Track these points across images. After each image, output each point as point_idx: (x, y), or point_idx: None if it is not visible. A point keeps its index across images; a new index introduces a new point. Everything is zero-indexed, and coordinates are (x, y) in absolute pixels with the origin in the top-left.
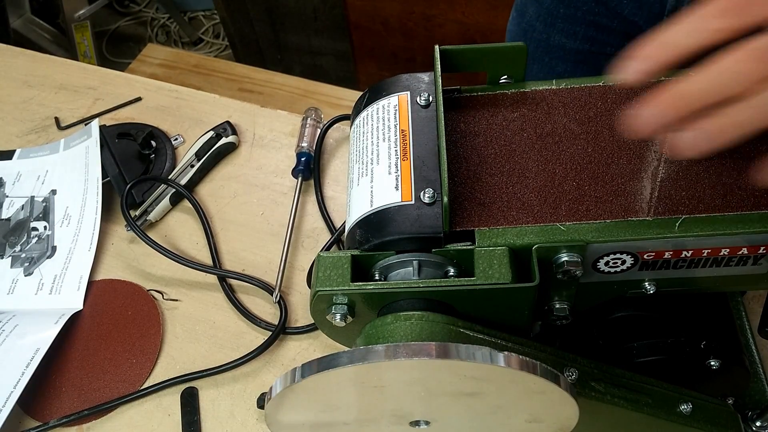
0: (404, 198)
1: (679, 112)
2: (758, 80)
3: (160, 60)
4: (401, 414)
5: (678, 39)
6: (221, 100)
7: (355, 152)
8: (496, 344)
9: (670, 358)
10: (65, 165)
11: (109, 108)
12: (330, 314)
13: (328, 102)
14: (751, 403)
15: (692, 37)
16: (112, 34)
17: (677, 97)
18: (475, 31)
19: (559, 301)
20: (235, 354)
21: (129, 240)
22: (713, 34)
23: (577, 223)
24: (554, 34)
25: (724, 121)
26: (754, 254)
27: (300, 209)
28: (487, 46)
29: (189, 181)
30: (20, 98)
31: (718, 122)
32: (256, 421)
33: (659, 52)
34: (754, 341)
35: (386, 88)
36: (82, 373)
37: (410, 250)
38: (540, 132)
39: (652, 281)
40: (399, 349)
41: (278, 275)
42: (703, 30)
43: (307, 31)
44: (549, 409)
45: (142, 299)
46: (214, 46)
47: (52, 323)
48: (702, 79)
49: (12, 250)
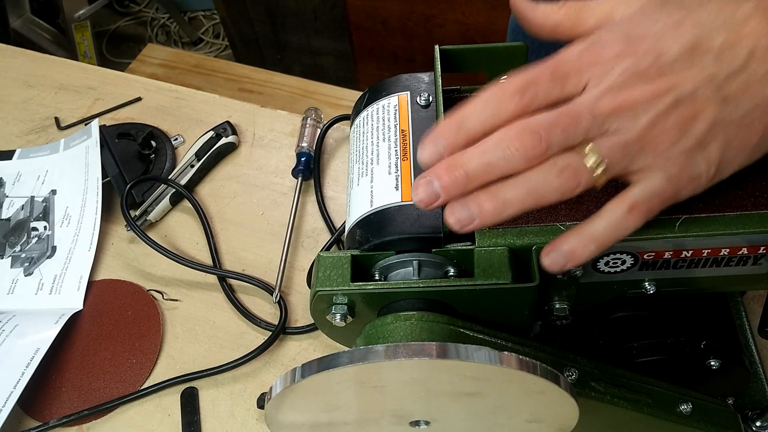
0: (404, 198)
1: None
2: (531, 157)
3: (160, 60)
4: (401, 414)
5: (468, 120)
6: (221, 100)
7: (355, 152)
8: (496, 344)
9: (670, 358)
10: (65, 165)
11: (109, 108)
12: (330, 314)
13: (328, 102)
14: (751, 403)
15: (483, 118)
16: (112, 34)
17: (451, 169)
18: (475, 31)
19: (559, 301)
20: (235, 354)
21: (129, 240)
22: (505, 115)
23: (576, 223)
24: None
25: (491, 199)
26: (754, 254)
27: (300, 209)
28: (487, 46)
29: (189, 181)
30: (20, 98)
31: (484, 200)
32: (256, 421)
33: (450, 134)
34: (754, 341)
35: (386, 88)
36: (82, 373)
37: (410, 250)
38: None
39: (652, 281)
40: (399, 349)
41: (278, 275)
42: (495, 112)
43: (307, 31)
44: (549, 409)
45: (142, 299)
46: (214, 46)
47: (52, 323)
48: (474, 152)
49: (12, 250)
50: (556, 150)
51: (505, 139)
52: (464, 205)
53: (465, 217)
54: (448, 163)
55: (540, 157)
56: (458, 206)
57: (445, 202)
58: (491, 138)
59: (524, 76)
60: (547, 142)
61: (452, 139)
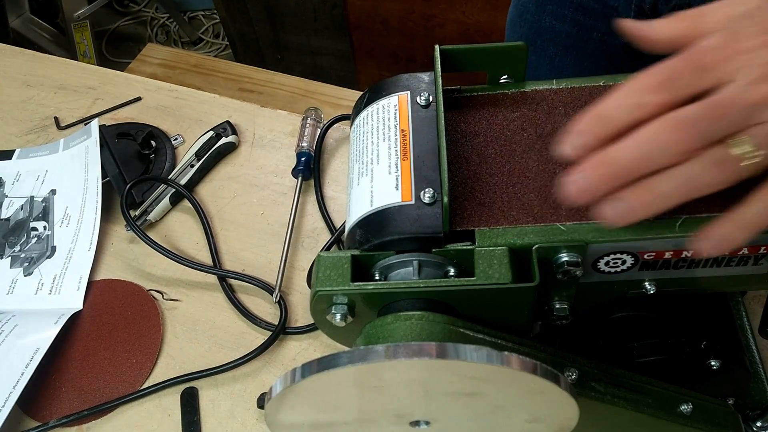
0: (404, 198)
1: (609, 182)
2: (683, 151)
3: (159, 60)
4: (401, 414)
5: (613, 113)
6: (221, 100)
7: (355, 152)
8: (496, 344)
9: (670, 358)
10: (65, 165)
11: (108, 108)
12: (330, 314)
13: (328, 102)
14: (751, 403)
15: (627, 111)
16: (112, 34)
17: (605, 164)
18: (475, 31)
19: (559, 301)
20: (235, 354)
21: (129, 240)
22: (649, 108)
23: (577, 223)
24: (545, 17)
25: (648, 193)
26: (754, 254)
27: (300, 209)
28: (487, 46)
29: (189, 181)
30: (20, 98)
31: (641, 194)
32: (256, 421)
33: (595, 127)
34: (754, 341)
35: (386, 88)
36: (82, 373)
37: (410, 250)
38: (540, 132)
39: (653, 281)
40: (399, 349)
41: (278, 275)
42: (639, 105)
43: (307, 31)
44: (549, 409)
45: (142, 299)
46: (214, 46)
47: (52, 323)
48: (627, 147)
49: (12, 250)
50: (707, 142)
51: (659, 132)
52: (619, 201)
53: (620, 212)
54: (599, 157)
55: (692, 150)
56: (612, 202)
57: (596, 197)
58: (643, 131)
59: (664, 69)
60: (700, 134)
61: (598, 133)
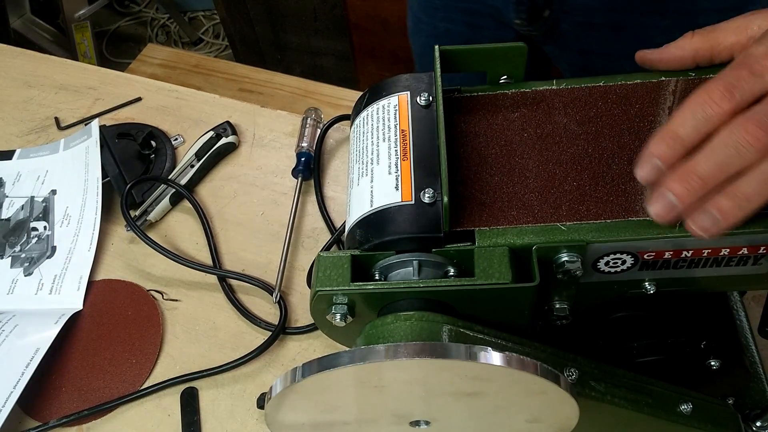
0: (404, 198)
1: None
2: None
3: (160, 60)
4: (401, 414)
5: (683, 132)
6: (221, 100)
7: (355, 152)
8: (496, 344)
9: (670, 358)
10: (65, 165)
11: (109, 108)
12: (330, 314)
13: (328, 102)
14: (751, 403)
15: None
16: (112, 34)
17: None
18: None
19: (559, 301)
20: (235, 354)
21: (129, 240)
22: (716, 119)
23: (577, 223)
24: (438, 22)
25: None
26: (754, 254)
27: (300, 209)
28: (487, 46)
29: (189, 181)
30: (20, 98)
31: (725, 202)
32: (256, 421)
33: (668, 149)
34: (754, 341)
35: (386, 88)
36: (82, 373)
37: (410, 250)
38: (540, 132)
39: (653, 281)
40: (399, 349)
41: (278, 275)
42: (706, 119)
43: (307, 31)
44: (549, 409)
45: (142, 299)
46: (214, 46)
47: (52, 323)
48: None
49: (12, 250)
50: None
51: (733, 135)
52: (706, 212)
53: (709, 223)
54: (678, 173)
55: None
56: (700, 215)
57: (683, 212)
58: (717, 139)
59: (723, 79)
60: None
61: (670, 152)
